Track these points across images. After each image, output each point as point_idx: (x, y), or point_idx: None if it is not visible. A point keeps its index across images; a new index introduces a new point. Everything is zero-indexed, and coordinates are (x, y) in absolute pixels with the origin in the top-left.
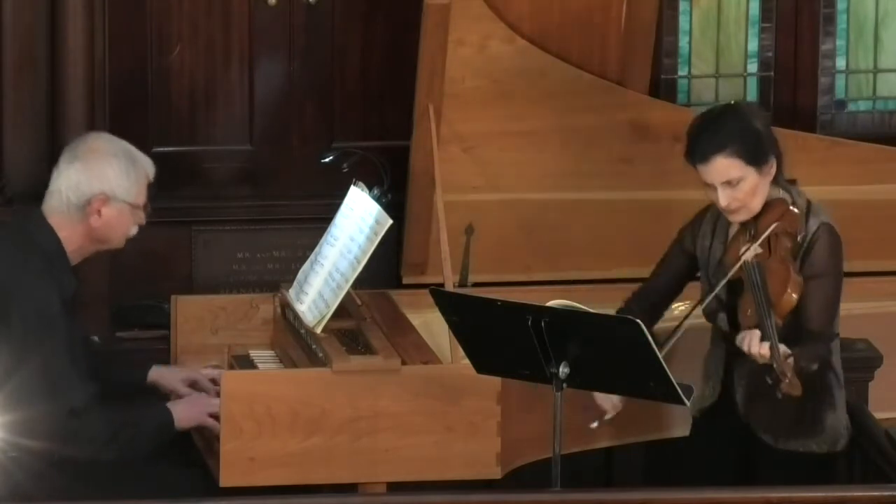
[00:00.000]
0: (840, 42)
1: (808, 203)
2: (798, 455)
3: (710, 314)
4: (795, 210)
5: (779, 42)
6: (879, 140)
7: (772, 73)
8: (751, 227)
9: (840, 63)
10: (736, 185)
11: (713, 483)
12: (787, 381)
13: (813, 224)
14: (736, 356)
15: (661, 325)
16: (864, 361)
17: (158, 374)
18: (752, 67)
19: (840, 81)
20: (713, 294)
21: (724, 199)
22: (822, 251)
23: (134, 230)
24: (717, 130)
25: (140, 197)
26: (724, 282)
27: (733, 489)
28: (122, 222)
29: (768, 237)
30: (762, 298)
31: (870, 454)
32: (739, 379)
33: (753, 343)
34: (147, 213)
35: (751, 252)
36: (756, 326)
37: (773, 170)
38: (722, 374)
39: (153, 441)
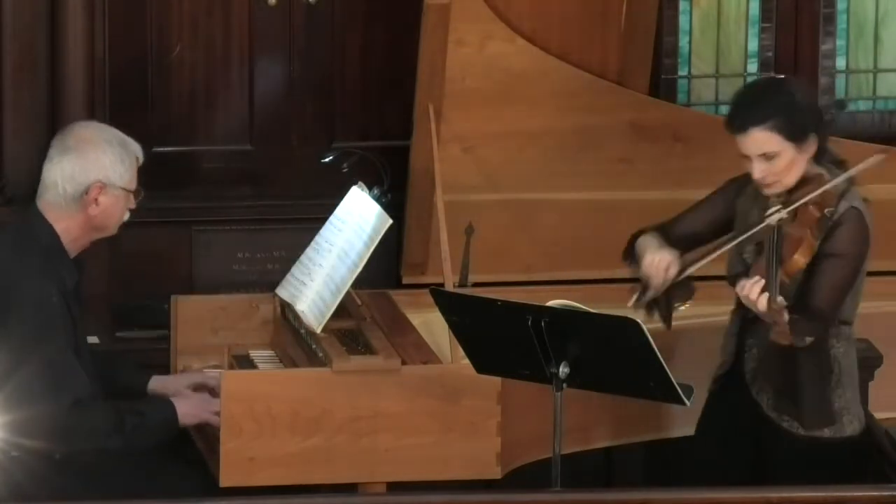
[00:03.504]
0: (840, 42)
1: (848, 186)
2: (806, 440)
3: (732, 277)
4: (831, 187)
5: (779, 42)
6: (879, 140)
7: (772, 73)
8: (783, 196)
9: (840, 63)
10: (771, 159)
11: (728, 471)
12: (778, 327)
13: (843, 206)
14: (749, 325)
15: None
16: (864, 361)
17: (161, 384)
18: (752, 67)
19: (840, 81)
20: (732, 243)
21: (758, 171)
22: (846, 233)
23: (126, 215)
24: (759, 102)
25: (133, 182)
26: (743, 237)
27: (733, 489)
28: (118, 208)
29: (797, 207)
30: (773, 255)
31: (870, 454)
32: (750, 348)
33: (749, 289)
34: (139, 197)
35: (776, 216)
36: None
37: (813, 148)
38: (734, 344)
39: (157, 434)
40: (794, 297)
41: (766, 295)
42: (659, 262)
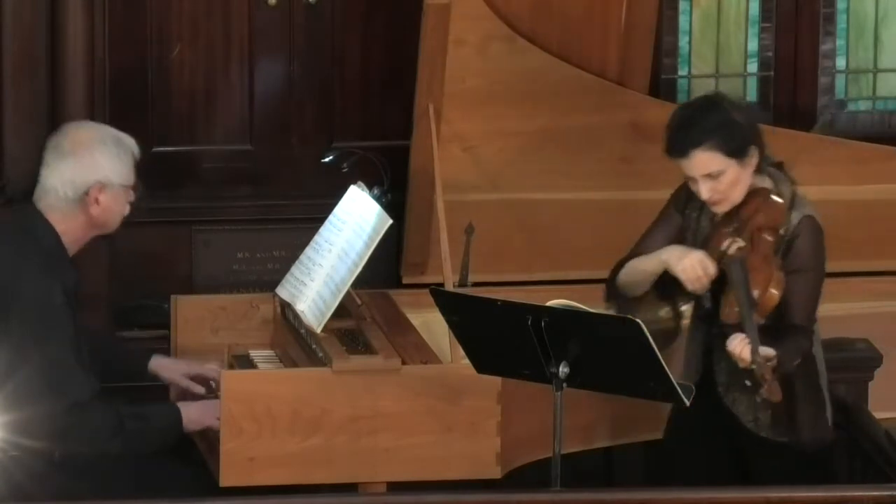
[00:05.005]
0: (840, 42)
1: (794, 194)
2: (787, 443)
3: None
4: (778, 200)
5: (779, 42)
6: (879, 140)
7: (772, 73)
8: (734, 217)
9: (840, 63)
10: (717, 177)
11: (702, 474)
12: (766, 385)
13: (795, 217)
14: (716, 337)
15: (659, 326)
16: (864, 361)
17: (159, 364)
18: (752, 67)
19: (840, 81)
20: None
21: (705, 191)
22: (805, 245)
23: (127, 210)
24: (695, 124)
25: (131, 177)
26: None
27: (733, 489)
28: (119, 205)
29: (751, 231)
30: (745, 297)
31: (870, 454)
32: (719, 361)
33: (735, 345)
34: (137, 192)
35: (733, 248)
36: (738, 324)
37: (755, 160)
38: (700, 357)
39: (159, 439)
40: (770, 318)
41: (749, 348)
42: (694, 262)
